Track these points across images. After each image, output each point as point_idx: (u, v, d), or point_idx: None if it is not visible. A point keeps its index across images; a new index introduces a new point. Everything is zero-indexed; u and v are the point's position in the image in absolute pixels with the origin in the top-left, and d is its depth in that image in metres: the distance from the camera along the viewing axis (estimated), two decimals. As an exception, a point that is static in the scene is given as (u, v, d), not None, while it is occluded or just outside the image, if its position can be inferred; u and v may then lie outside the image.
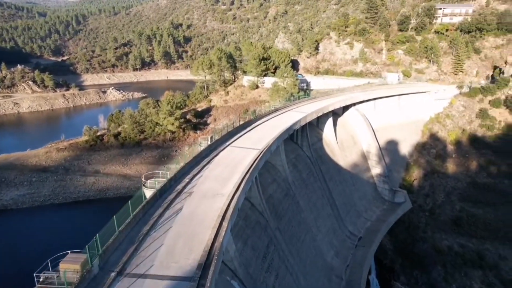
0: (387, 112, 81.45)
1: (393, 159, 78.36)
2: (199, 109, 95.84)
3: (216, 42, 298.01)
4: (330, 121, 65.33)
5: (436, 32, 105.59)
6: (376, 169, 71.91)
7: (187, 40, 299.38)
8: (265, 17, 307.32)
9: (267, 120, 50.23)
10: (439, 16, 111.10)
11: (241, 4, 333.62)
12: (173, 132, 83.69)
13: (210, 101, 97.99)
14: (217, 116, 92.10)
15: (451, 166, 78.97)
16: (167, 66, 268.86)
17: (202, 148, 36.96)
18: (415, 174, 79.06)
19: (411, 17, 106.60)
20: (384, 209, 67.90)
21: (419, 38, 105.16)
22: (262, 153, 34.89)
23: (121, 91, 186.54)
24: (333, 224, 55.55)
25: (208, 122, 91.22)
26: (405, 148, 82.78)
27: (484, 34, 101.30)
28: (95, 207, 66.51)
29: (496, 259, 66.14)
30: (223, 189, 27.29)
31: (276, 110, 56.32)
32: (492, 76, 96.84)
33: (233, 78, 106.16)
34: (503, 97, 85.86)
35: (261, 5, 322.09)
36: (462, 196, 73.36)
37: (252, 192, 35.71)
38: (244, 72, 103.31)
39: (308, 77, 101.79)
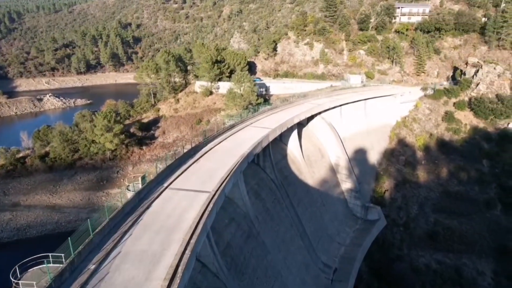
0: (354, 118, 75.24)
1: (363, 170, 72.20)
2: (145, 121, 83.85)
3: (168, 42, 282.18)
4: (295, 133, 57.17)
5: (397, 31, 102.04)
6: (346, 184, 65.05)
7: (137, 40, 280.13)
8: (219, 16, 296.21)
9: (221, 142, 40.62)
10: (398, 16, 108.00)
11: (193, 3, 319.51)
12: (114, 150, 71.25)
13: (158, 110, 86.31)
14: (166, 128, 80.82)
15: (421, 174, 74.44)
16: (115, 69, 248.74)
17: (130, 193, 26.58)
18: (386, 185, 73.56)
19: (371, 16, 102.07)
20: (357, 229, 61.10)
21: (380, 37, 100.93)
22: (213, 200, 25.33)
23: (61, 98, 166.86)
24: (304, 258, 47.31)
25: (155, 135, 79.65)
26: (373, 157, 77.15)
27: (443, 34, 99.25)
28: (8, 253, 52.78)
29: (474, 275, 62.03)
30: (149, 281, 17.38)
31: (232, 126, 46.85)
32: (453, 77, 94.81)
33: (184, 83, 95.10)
34: (466, 99, 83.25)
35: (214, 3, 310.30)
36: (435, 207, 68.83)
37: (202, 249, 26.01)
38: (196, 77, 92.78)
39: (267, 81, 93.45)
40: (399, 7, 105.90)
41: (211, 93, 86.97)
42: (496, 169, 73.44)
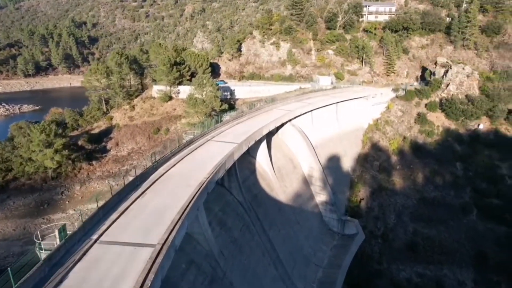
0: (325, 123, 70.43)
1: (337, 178, 67.48)
2: (96, 131, 74.26)
3: (127, 42, 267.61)
4: (263, 144, 51.00)
5: (365, 30, 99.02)
6: (320, 196, 59.89)
7: (93, 40, 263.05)
8: (181, 15, 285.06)
9: (176, 164, 33.48)
10: (365, 14, 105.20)
11: (154, 1, 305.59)
12: (58, 167, 61.48)
13: (111, 119, 76.95)
14: (120, 139, 71.83)
15: (397, 180, 71.06)
16: (69, 71, 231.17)
17: (43, 253, 18.97)
18: (361, 193, 69.40)
19: (339, 15, 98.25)
20: (335, 246, 56.06)
21: (348, 37, 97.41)
22: (157, 261, 18.38)
23: (4, 104, 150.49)
24: (279, 290, 41.27)
25: (108, 148, 70.47)
26: (347, 163, 72.81)
27: (410, 34, 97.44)
28: None
29: (455, 286, 59.11)
30: None
31: (191, 142, 39.71)
32: (422, 77, 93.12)
33: (141, 88, 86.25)
34: (437, 100, 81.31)
35: (176, 2, 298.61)
36: (413, 216, 65.52)
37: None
38: (154, 81, 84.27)
39: (232, 84, 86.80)
40: (366, 6, 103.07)
41: (170, 98, 79.00)
42: (470, 172, 71.66)
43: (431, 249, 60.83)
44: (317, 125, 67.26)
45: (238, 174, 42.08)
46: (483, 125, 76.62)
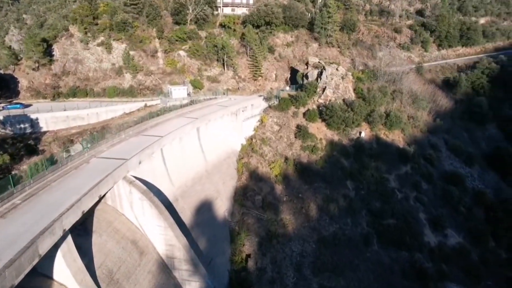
0: (186, 159, 48.72)
1: (212, 236, 46.92)
2: None
3: None
4: (69, 239, 25.74)
5: (222, 25, 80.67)
6: (191, 284, 38.07)
7: None
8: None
9: None
10: (220, 6, 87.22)
11: None
12: None
13: None
14: None
15: (287, 218, 55.07)
16: None
17: None
18: (247, 247, 50.55)
19: (188, 6, 76.95)
20: None
21: (203, 34, 77.41)
22: None
23: None
24: None
25: None
26: (222, 207, 52.97)
27: (274, 29, 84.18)
28: None
29: None
30: None
31: None
32: (292, 80, 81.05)
33: None
34: (315, 107, 69.43)
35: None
36: (315, 266, 50.32)
37: None
38: None
39: (36, 107, 56.03)
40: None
41: None
42: (362, 190, 61.67)
43: (343, 311, 46.83)
44: (172, 167, 44.83)
45: None
46: (364, 132, 68.28)
